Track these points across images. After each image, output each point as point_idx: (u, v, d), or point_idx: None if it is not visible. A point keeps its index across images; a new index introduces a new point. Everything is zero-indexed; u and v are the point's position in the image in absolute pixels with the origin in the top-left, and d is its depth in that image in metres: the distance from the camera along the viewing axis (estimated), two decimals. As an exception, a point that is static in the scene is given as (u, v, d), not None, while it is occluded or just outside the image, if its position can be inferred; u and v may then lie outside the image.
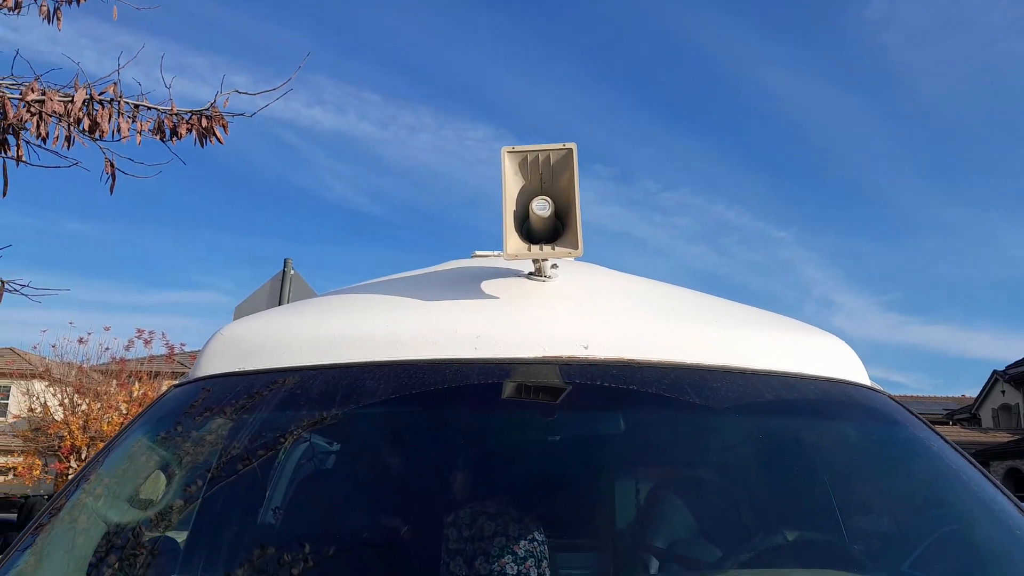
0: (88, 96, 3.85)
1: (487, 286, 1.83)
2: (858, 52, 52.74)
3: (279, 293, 6.15)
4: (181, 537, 1.48)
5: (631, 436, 1.58)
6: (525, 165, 1.79)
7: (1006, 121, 52.69)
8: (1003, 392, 34.82)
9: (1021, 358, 33.97)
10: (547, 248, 1.74)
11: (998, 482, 1.51)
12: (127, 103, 3.96)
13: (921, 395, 43.26)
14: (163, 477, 1.57)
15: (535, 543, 1.39)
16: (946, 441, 1.60)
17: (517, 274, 1.91)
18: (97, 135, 3.94)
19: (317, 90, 46.77)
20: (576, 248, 1.70)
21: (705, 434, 1.57)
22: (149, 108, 4.09)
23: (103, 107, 3.86)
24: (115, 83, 3.96)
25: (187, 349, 20.43)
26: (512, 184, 1.79)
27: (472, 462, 1.54)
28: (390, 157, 57.85)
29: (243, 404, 1.59)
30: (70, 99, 3.85)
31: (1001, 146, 53.68)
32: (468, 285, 1.85)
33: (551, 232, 1.83)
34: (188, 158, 4.29)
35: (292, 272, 6.26)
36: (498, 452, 1.57)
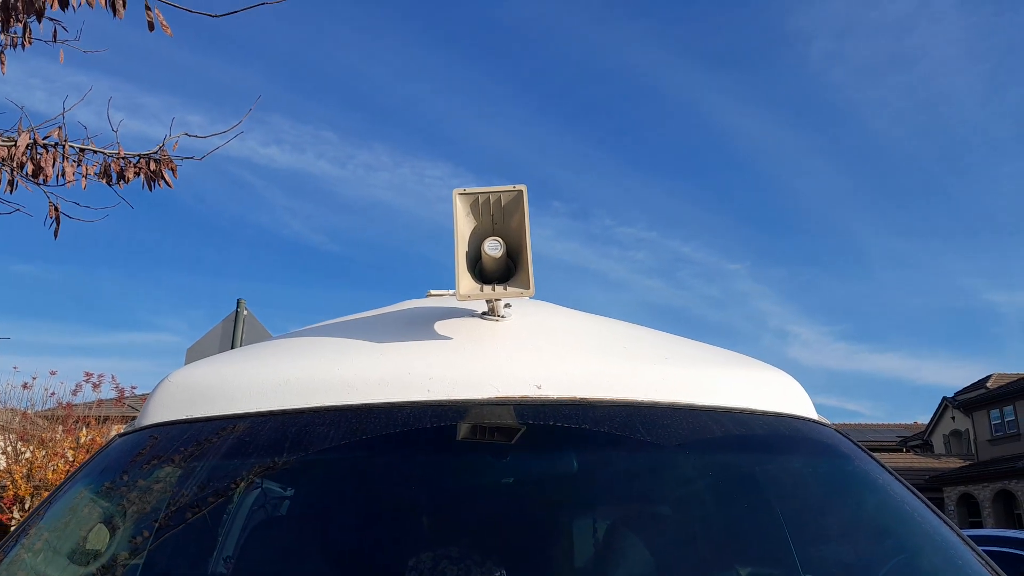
0: (32, 140, 3.78)
1: (440, 326, 1.84)
2: (805, 89, 54.51)
3: (232, 334, 6.05)
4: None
5: (585, 476, 1.59)
6: (477, 206, 1.81)
7: (948, 154, 54.82)
8: (953, 418, 35.69)
9: (969, 385, 34.91)
10: (499, 288, 1.76)
11: (940, 512, 1.55)
12: (72, 147, 3.90)
13: (875, 423, 44.11)
14: (107, 530, 1.52)
15: None
16: (891, 473, 1.64)
17: (471, 314, 1.92)
18: (41, 179, 3.87)
19: (274, 129, 46.60)
20: (528, 288, 1.72)
21: (657, 471, 1.58)
22: (95, 152, 4.03)
23: (47, 151, 3.80)
24: (60, 127, 3.90)
25: (138, 392, 19.87)
26: (464, 225, 1.81)
27: (425, 507, 1.53)
28: (348, 195, 57.72)
29: (191, 452, 1.56)
30: (13, 143, 3.78)
31: (944, 178, 55.74)
32: (421, 326, 1.85)
33: (503, 272, 1.85)
34: (140, 197, 4.24)
35: (245, 312, 6.18)
36: (451, 496, 1.56)
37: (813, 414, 1.74)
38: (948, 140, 53.56)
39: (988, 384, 32.80)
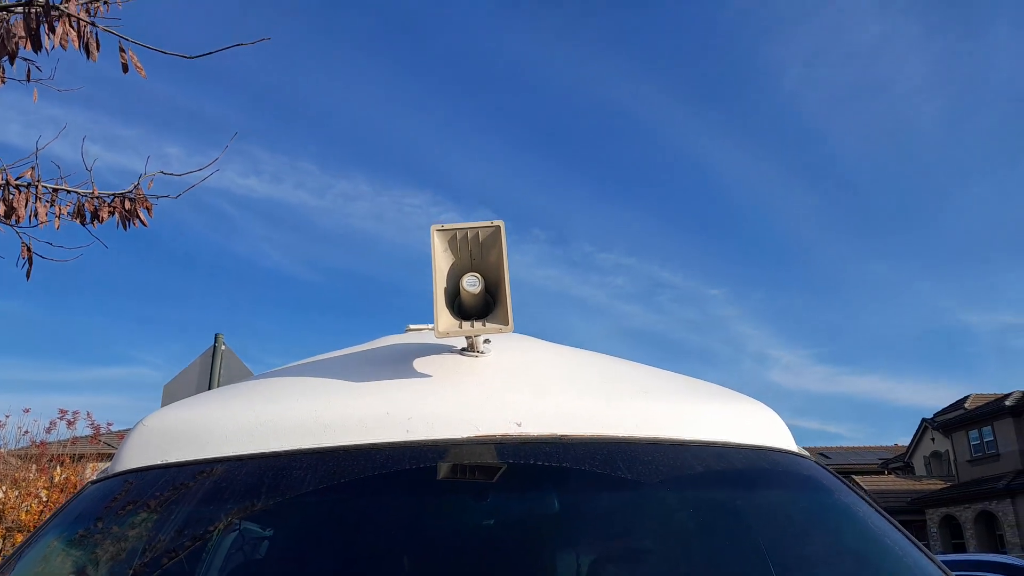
0: (3, 181, 3.75)
1: (419, 364, 1.83)
2: (779, 116, 55.54)
3: (210, 370, 5.98)
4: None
5: (567, 514, 1.57)
6: (455, 242, 1.82)
7: (920, 178, 55.89)
8: (933, 440, 35.95)
9: (948, 406, 35.22)
10: (478, 324, 1.76)
11: (920, 544, 1.56)
12: (45, 187, 3.86)
13: (856, 445, 44.34)
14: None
15: None
16: (871, 504, 1.65)
17: (450, 350, 1.91)
18: (13, 220, 3.83)
19: (252, 159, 46.56)
20: (507, 324, 1.72)
21: (639, 508, 1.57)
22: (69, 191, 3.99)
23: (20, 192, 3.76)
24: (33, 167, 3.87)
25: (114, 429, 19.51)
26: (442, 261, 1.81)
27: (405, 549, 1.51)
28: (327, 225, 57.63)
29: (166, 498, 1.53)
30: (-15, 184, 3.74)
31: (916, 202, 56.79)
32: (400, 363, 1.84)
33: (482, 307, 1.85)
34: (115, 232, 4.18)
35: (223, 347, 6.11)
36: (432, 538, 1.54)
37: (793, 446, 1.75)
38: (919, 164, 54.70)
39: (966, 405, 33.11)
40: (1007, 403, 28.81)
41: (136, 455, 1.62)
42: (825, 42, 52.26)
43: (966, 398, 33.80)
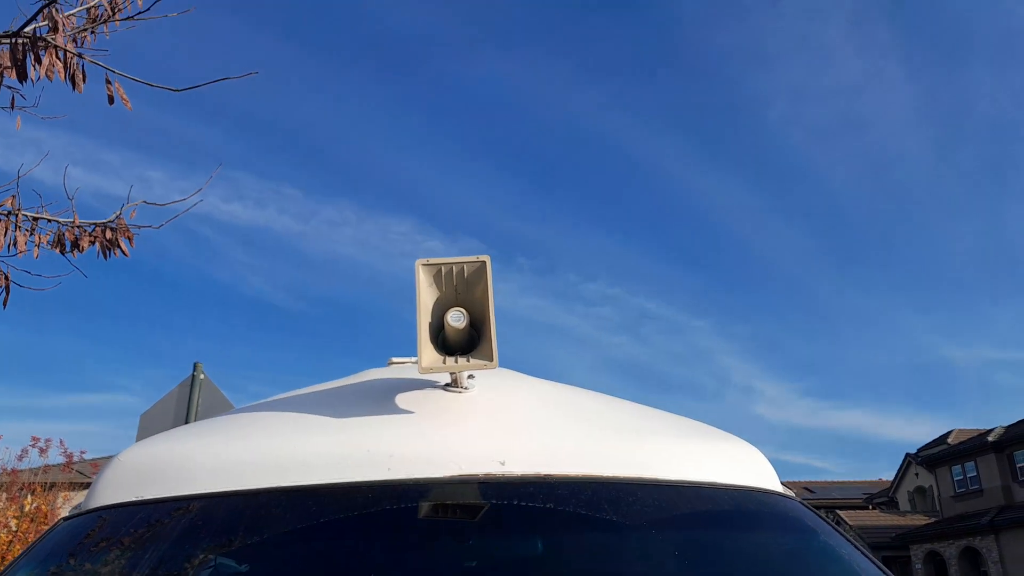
0: (-17, 209, 3.71)
1: (402, 400, 1.81)
2: (764, 150, 56.33)
3: (188, 399, 5.90)
4: None
5: (550, 555, 1.55)
6: (440, 277, 1.81)
7: (903, 213, 56.65)
8: (916, 475, 35.98)
9: (931, 441, 35.33)
10: (462, 360, 1.74)
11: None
12: (25, 216, 3.83)
13: (841, 480, 44.34)
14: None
15: None
16: (855, 545, 1.64)
17: (433, 385, 1.90)
18: (-8, 248, 3.79)
19: (236, 185, 46.55)
20: (491, 360, 1.70)
21: (623, 548, 1.55)
22: (49, 220, 3.96)
23: (-1, 221, 3.73)
24: (13, 196, 3.83)
25: (87, 457, 19.18)
26: (427, 296, 1.80)
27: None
28: (311, 251, 57.57)
29: (141, 535, 1.49)
30: (-38, 213, 3.70)
31: (899, 237, 57.50)
32: (382, 399, 1.82)
33: (467, 342, 1.83)
34: (95, 260, 4.13)
35: (202, 376, 6.04)
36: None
37: (778, 486, 1.74)
38: (902, 199, 55.48)
39: (949, 440, 33.24)
40: (990, 438, 28.95)
41: (111, 491, 1.59)
42: (810, 78, 53.26)
43: (949, 433, 33.94)
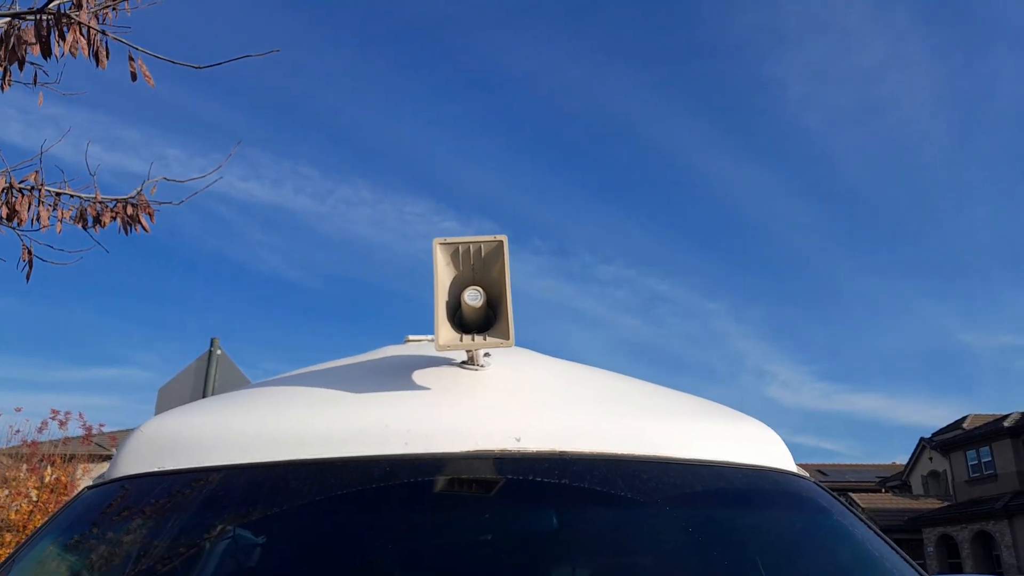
0: (7, 184, 3.75)
1: (419, 376, 1.82)
2: (782, 133, 55.74)
3: (205, 374, 5.96)
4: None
5: (565, 530, 1.57)
6: (457, 256, 1.82)
7: (921, 197, 56.01)
8: (931, 459, 35.84)
9: (946, 426, 35.16)
10: (479, 338, 1.75)
11: (917, 567, 1.55)
12: (48, 191, 3.87)
13: (854, 463, 44.22)
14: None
15: None
16: (869, 525, 1.64)
17: (449, 363, 1.91)
18: (15, 223, 3.83)
19: (253, 163, 46.69)
20: (507, 338, 1.71)
21: (637, 526, 1.57)
22: (72, 196, 4.00)
23: (23, 195, 3.76)
24: (36, 171, 3.87)
25: (106, 430, 19.46)
26: (444, 274, 1.81)
27: (401, 563, 1.50)
28: (327, 231, 57.75)
29: (162, 505, 1.52)
30: (-12, 186, 3.74)
31: (918, 221, 56.90)
32: (399, 375, 1.84)
33: (483, 321, 1.84)
34: (116, 236, 4.18)
35: (219, 352, 6.10)
36: (428, 552, 1.53)
37: (792, 466, 1.75)
38: (921, 184, 54.81)
39: (964, 425, 33.05)
40: (1006, 424, 28.77)
41: (133, 462, 1.62)
42: (829, 60, 52.49)
43: (965, 418, 33.73)
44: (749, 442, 1.71)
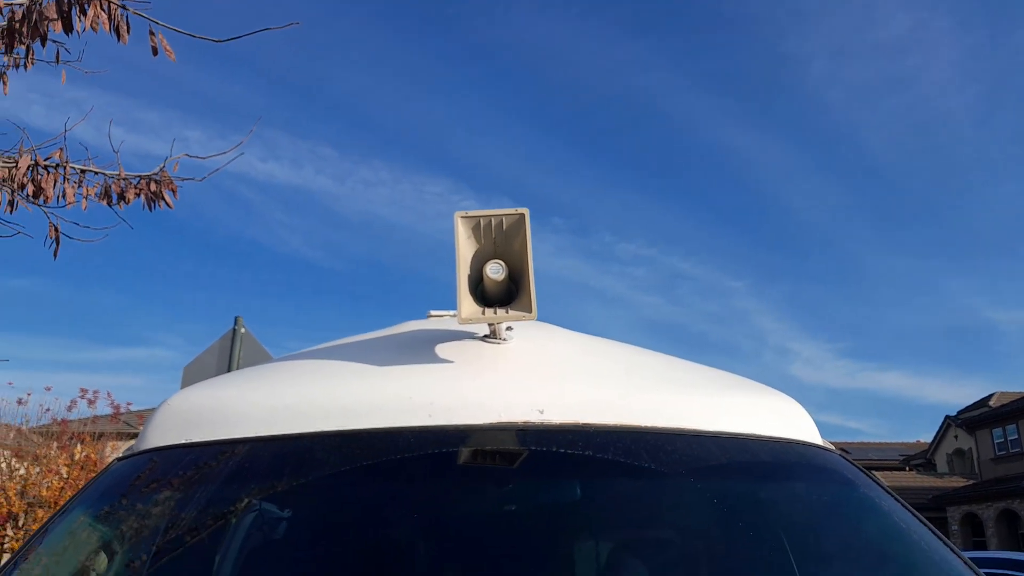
0: (33, 161, 3.79)
1: (441, 350, 1.82)
2: (805, 108, 54.90)
3: (229, 352, 6.03)
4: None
5: (588, 502, 1.57)
6: (478, 229, 1.81)
7: (947, 173, 55.07)
8: (956, 437, 35.52)
9: (972, 403, 34.80)
10: (501, 312, 1.75)
11: (945, 538, 1.54)
12: (73, 168, 3.91)
13: (878, 441, 43.94)
14: (105, 555, 1.51)
15: None
16: (895, 498, 1.63)
17: (472, 336, 1.91)
18: (41, 200, 3.88)
19: (272, 144, 46.88)
20: (530, 311, 1.71)
21: (661, 498, 1.57)
22: (96, 173, 4.04)
23: (48, 173, 3.81)
24: (61, 148, 3.91)
25: (133, 408, 19.80)
26: (465, 248, 1.80)
27: (425, 533, 1.51)
28: (346, 211, 57.92)
29: (190, 476, 1.54)
30: (14, 164, 3.79)
31: (943, 197, 56.01)
32: (422, 349, 1.84)
33: (505, 295, 1.84)
34: (139, 214, 4.25)
35: (243, 330, 6.16)
36: (452, 522, 1.54)
37: (818, 439, 1.73)
38: (946, 159, 53.84)
39: (991, 402, 32.70)
40: (1032, 401, 28.39)
41: (161, 434, 1.64)
42: (853, 34, 51.53)
43: (991, 396, 33.37)
44: (774, 415, 1.70)
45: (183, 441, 1.60)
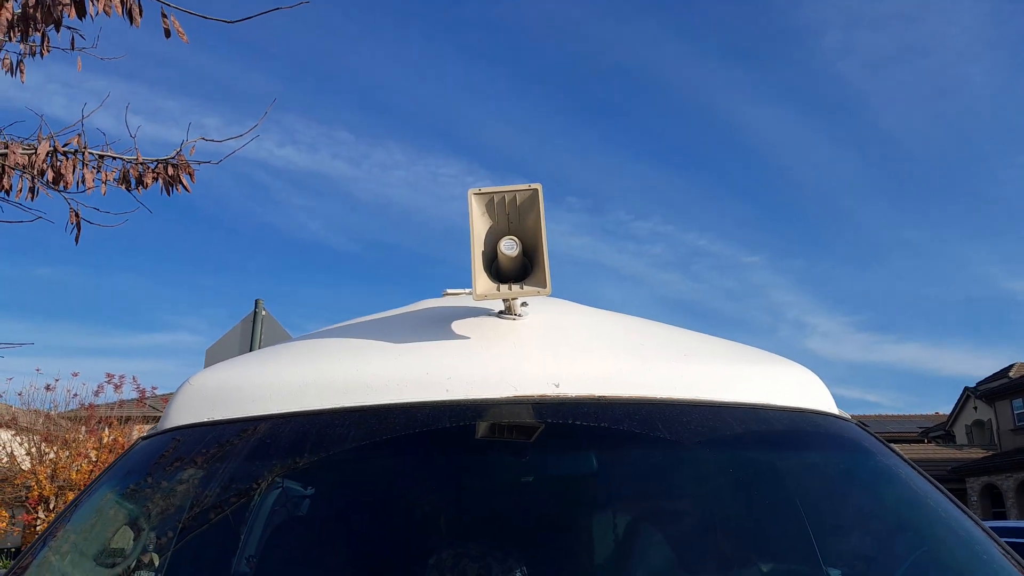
0: (52, 148, 3.83)
1: (457, 326, 1.84)
2: (819, 79, 54.05)
3: (251, 335, 6.09)
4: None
5: (604, 473, 1.58)
6: (492, 206, 1.81)
7: (963, 142, 54.18)
8: (975, 408, 35.27)
9: (992, 375, 34.52)
10: (516, 287, 1.76)
11: (963, 505, 1.54)
12: (92, 154, 3.94)
13: (896, 414, 43.68)
14: (132, 531, 1.54)
15: None
16: (912, 466, 1.63)
17: (487, 313, 1.92)
18: (61, 186, 3.93)
19: (289, 130, 46.87)
20: (544, 287, 1.71)
21: (677, 469, 1.58)
22: (114, 158, 4.08)
23: (67, 159, 3.85)
24: (79, 134, 3.95)
25: (159, 392, 20.06)
26: (480, 225, 1.81)
27: (445, 505, 1.54)
28: (363, 195, 57.96)
29: (213, 454, 1.57)
30: (33, 151, 3.83)
31: (958, 168, 55.12)
32: (439, 325, 1.86)
33: (520, 271, 1.85)
34: (158, 200, 4.29)
35: (264, 313, 6.21)
36: (471, 495, 1.56)
37: (834, 409, 1.73)
38: (963, 129, 52.95)
39: (1010, 373, 32.41)
40: (1054, 372, 28.13)
41: (183, 412, 1.67)
42: (867, 2, 50.59)
43: (1011, 366, 33.07)
44: (789, 384, 1.70)
45: (205, 420, 1.63)
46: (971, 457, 32.05)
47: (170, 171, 4.07)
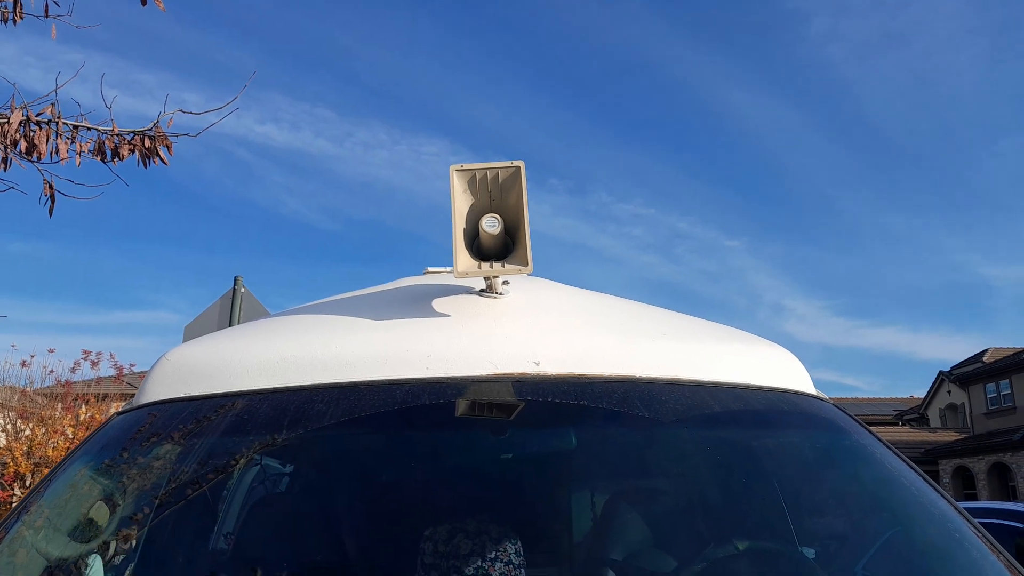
0: (25, 117, 3.75)
1: (438, 304, 1.83)
2: (803, 66, 54.12)
3: (229, 312, 6.04)
4: (127, 568, 1.44)
5: (583, 451, 1.59)
6: (474, 183, 1.80)
7: (943, 129, 54.63)
8: (949, 392, 35.87)
9: (966, 359, 35.07)
10: (497, 265, 1.75)
11: (936, 485, 1.56)
12: (66, 124, 3.86)
13: (871, 397, 44.30)
14: (107, 507, 1.53)
15: (494, 561, 1.38)
16: (887, 446, 1.65)
17: (468, 291, 1.91)
18: (35, 157, 3.85)
19: (270, 107, 46.29)
20: (526, 265, 1.71)
21: (656, 447, 1.59)
22: (89, 129, 4.00)
23: (40, 128, 3.77)
24: (53, 103, 3.86)
25: (136, 369, 19.87)
26: (461, 202, 1.80)
27: (424, 483, 1.54)
28: (345, 173, 57.49)
29: (190, 429, 1.56)
30: (6, 120, 3.74)
31: (938, 156, 55.59)
32: (419, 303, 1.85)
33: (501, 249, 1.84)
34: (136, 175, 4.24)
35: (243, 290, 6.16)
36: (450, 472, 1.56)
37: (811, 389, 1.75)
38: (943, 116, 53.35)
39: (984, 358, 32.94)
40: (1026, 357, 28.62)
41: (160, 388, 1.65)
42: (854, -13, 50.59)
43: (984, 351, 33.60)
44: (767, 364, 1.71)
45: (182, 395, 1.61)
46: (944, 440, 32.62)
47: (147, 143, 3.99)
